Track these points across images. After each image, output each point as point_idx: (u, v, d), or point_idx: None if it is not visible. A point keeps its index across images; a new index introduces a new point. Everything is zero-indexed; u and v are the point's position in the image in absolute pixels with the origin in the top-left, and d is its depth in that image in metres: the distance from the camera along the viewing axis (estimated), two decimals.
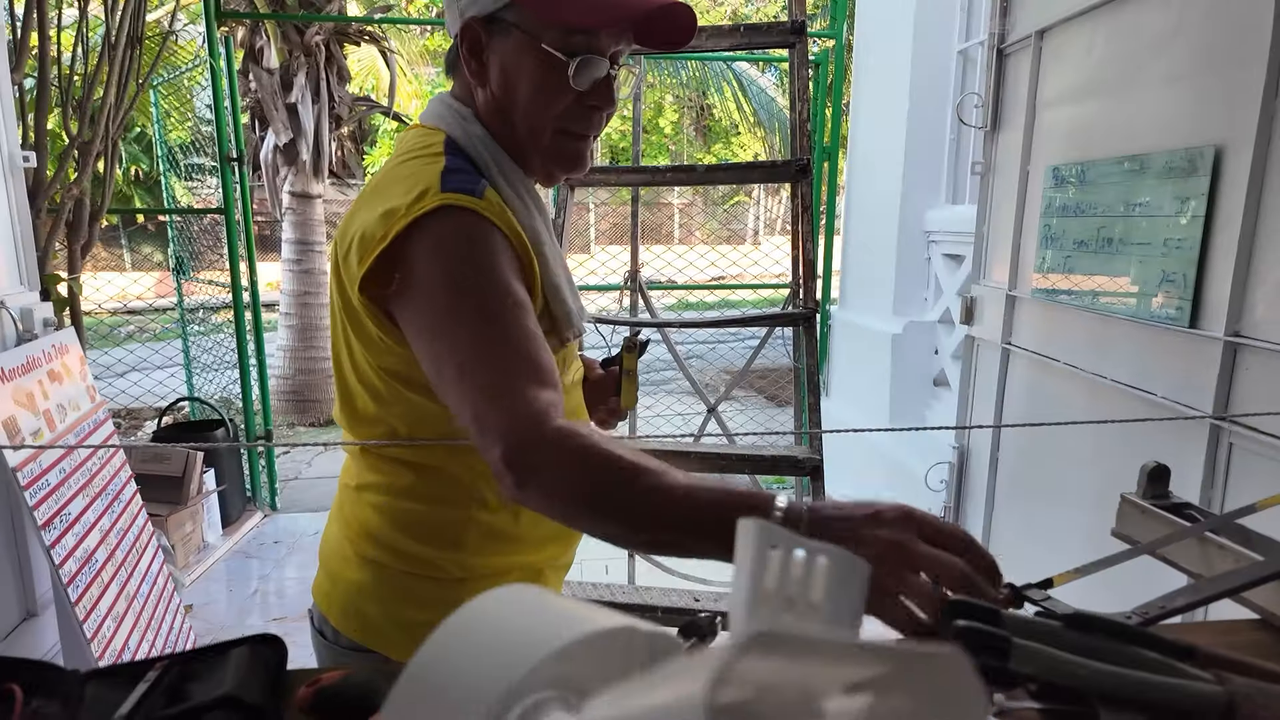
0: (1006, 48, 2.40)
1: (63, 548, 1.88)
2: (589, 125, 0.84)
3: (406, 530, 0.88)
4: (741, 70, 5.54)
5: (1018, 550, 2.36)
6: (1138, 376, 1.84)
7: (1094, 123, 2.03)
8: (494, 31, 0.81)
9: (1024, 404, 2.34)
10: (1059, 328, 2.17)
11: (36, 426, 1.92)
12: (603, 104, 0.83)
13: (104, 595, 2.01)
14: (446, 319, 0.73)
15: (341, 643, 0.91)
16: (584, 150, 0.86)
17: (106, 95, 2.78)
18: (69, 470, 1.99)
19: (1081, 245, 2.08)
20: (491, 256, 0.74)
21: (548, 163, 0.86)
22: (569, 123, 0.83)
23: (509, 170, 0.84)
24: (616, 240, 12.79)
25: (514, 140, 0.85)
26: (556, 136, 0.84)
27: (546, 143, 0.84)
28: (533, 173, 0.87)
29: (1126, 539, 1.15)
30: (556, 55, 0.79)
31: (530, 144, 0.84)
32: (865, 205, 3.79)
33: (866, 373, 3.49)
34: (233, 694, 0.68)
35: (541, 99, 0.81)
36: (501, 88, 0.83)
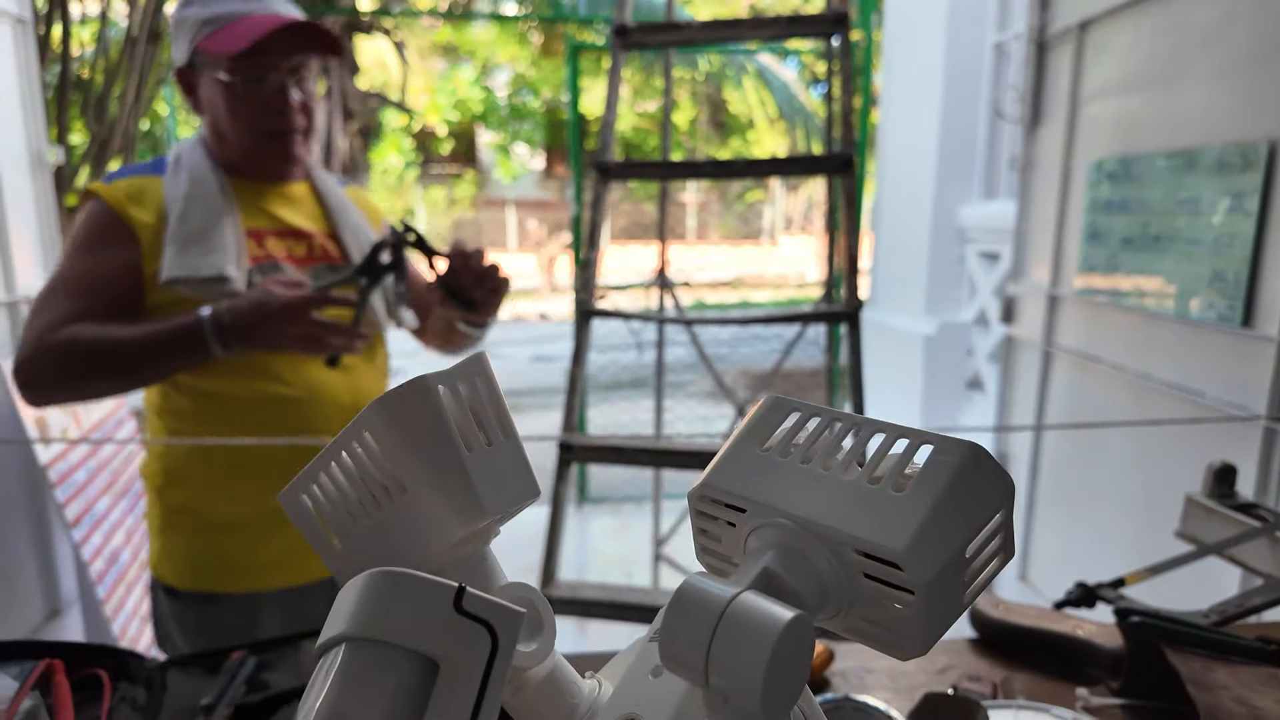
0: (1047, 40, 2.34)
1: (90, 546, 1.87)
2: (282, 123, 1.08)
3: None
4: (763, 64, 5.48)
5: (1059, 556, 2.30)
6: (1186, 377, 1.78)
7: (1140, 116, 1.97)
8: (195, 73, 1.08)
9: (1066, 406, 2.28)
10: (1103, 327, 2.12)
11: (65, 424, 1.90)
12: (279, 105, 1.06)
13: (130, 594, 2.00)
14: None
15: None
16: (287, 144, 1.10)
17: (126, 91, 2.76)
18: (96, 469, 1.97)
19: (1127, 242, 2.03)
20: (86, 225, 1.04)
21: (264, 161, 1.11)
22: (264, 126, 1.07)
23: (194, 168, 1.08)
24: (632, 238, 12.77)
25: (228, 151, 1.10)
26: (260, 140, 1.08)
27: (252, 146, 1.09)
28: (253, 174, 1.12)
29: (1192, 539, 1.12)
30: (229, 81, 1.04)
31: (242, 151, 1.09)
32: (896, 202, 3.73)
33: (897, 375, 3.44)
34: None
35: (232, 117, 1.06)
36: (211, 114, 1.09)
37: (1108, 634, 0.74)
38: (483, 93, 12.91)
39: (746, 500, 0.28)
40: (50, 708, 0.65)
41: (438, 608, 0.25)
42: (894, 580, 0.25)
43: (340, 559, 0.32)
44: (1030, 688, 0.69)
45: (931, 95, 3.31)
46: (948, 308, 3.36)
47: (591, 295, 1.73)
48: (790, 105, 5.44)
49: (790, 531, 0.27)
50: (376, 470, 0.31)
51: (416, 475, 0.31)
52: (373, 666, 0.25)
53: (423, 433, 0.30)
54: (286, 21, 1.02)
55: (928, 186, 3.33)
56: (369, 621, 0.26)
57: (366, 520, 0.32)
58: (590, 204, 1.76)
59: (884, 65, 3.81)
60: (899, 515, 0.25)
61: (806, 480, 0.28)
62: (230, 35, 1.02)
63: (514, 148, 14.24)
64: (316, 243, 1.15)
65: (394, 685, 0.25)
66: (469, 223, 16.37)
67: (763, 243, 15.53)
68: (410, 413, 0.30)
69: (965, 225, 3.31)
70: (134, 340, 0.98)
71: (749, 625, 0.24)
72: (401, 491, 0.31)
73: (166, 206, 1.05)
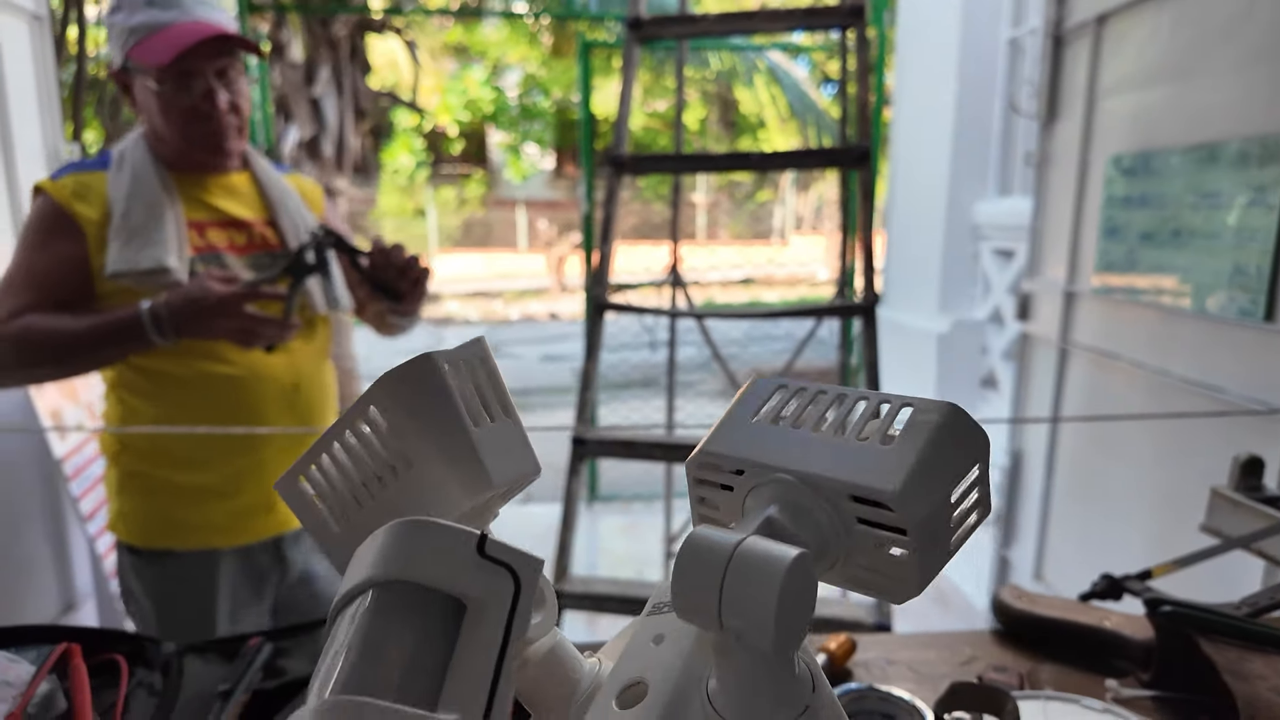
0: (1063, 34, 2.32)
1: (105, 539, 1.87)
2: (211, 125, 1.14)
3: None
4: (774, 61, 5.46)
5: (1075, 554, 2.28)
6: (1206, 374, 1.76)
7: (1159, 110, 1.95)
8: (130, 76, 1.15)
9: (1082, 403, 2.26)
10: (1121, 324, 2.09)
11: (79, 418, 1.91)
12: (207, 109, 1.13)
13: None
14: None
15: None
16: (218, 141, 1.16)
17: None
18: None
19: (1146, 238, 2.00)
20: (34, 221, 1.12)
21: (198, 157, 1.17)
22: (194, 127, 1.14)
23: (137, 164, 1.15)
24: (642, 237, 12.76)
25: (165, 147, 1.17)
26: (193, 139, 1.15)
27: (186, 146, 1.16)
28: (191, 168, 1.18)
29: (1216, 533, 1.10)
30: (158, 85, 1.11)
31: (178, 149, 1.16)
32: (910, 199, 3.71)
33: (910, 373, 3.41)
34: None
35: (165, 120, 1.13)
36: (146, 115, 1.16)
37: (1136, 625, 0.72)
38: (493, 93, 12.93)
39: (744, 461, 0.30)
40: (68, 692, 0.65)
41: (462, 551, 0.26)
42: (888, 522, 0.27)
43: (340, 542, 0.32)
44: (1057, 679, 0.68)
45: (945, 92, 3.29)
46: (962, 305, 3.34)
47: (605, 289, 1.73)
48: (802, 103, 5.42)
49: (789, 485, 0.29)
50: (382, 447, 0.32)
51: (422, 448, 0.31)
52: (402, 606, 0.26)
53: (428, 406, 0.31)
54: (206, 35, 1.10)
55: (941, 183, 3.31)
56: (397, 565, 0.26)
57: (370, 501, 0.32)
58: (603, 198, 1.75)
59: (897, 62, 3.79)
60: (888, 464, 0.27)
61: (798, 442, 0.30)
62: (155, 47, 1.09)
63: (524, 148, 14.26)
64: (256, 231, 1.22)
65: (424, 624, 0.25)
66: (479, 222, 16.41)
67: (773, 242, 15.50)
68: (416, 387, 0.31)
69: (979, 222, 3.28)
70: (81, 332, 1.07)
71: (758, 564, 0.25)
72: (407, 467, 0.31)
73: (110, 202, 1.12)
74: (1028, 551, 2.50)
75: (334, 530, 0.32)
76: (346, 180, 5.55)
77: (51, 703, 0.63)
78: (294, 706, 0.66)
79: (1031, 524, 2.47)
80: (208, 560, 1.20)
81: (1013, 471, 2.57)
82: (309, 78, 5.09)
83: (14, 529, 1.82)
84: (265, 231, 1.23)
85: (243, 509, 1.20)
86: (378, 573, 0.26)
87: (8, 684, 0.62)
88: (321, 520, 0.33)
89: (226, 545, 1.21)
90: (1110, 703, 0.61)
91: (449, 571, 0.26)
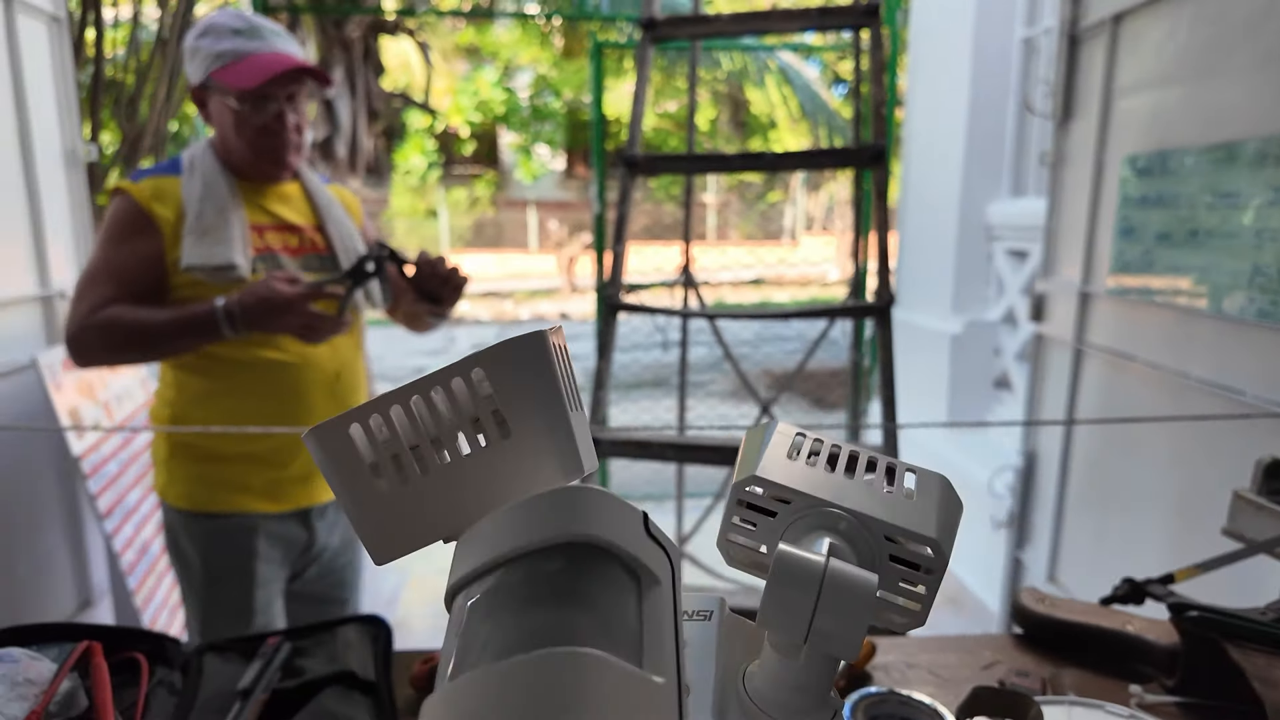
0: (1079, 33, 2.30)
1: (122, 537, 1.89)
2: (278, 142, 1.29)
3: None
4: (785, 62, 5.45)
5: (1089, 557, 2.26)
6: (1224, 375, 1.74)
7: (1177, 109, 1.93)
8: (207, 93, 1.28)
9: (1097, 405, 2.24)
10: (1137, 325, 2.08)
11: (97, 416, 1.92)
12: (276, 128, 1.28)
13: (160, 585, 2.01)
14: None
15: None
16: (282, 156, 1.31)
17: (156, 92, 2.80)
18: (128, 460, 2.00)
19: (1163, 238, 1.98)
20: (117, 219, 1.25)
21: (262, 168, 1.31)
22: (263, 143, 1.28)
23: (207, 171, 1.28)
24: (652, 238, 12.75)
25: (234, 157, 1.30)
26: (261, 153, 1.29)
27: (253, 158, 1.30)
28: (254, 177, 1.32)
29: (1239, 537, 1.09)
30: (238, 105, 1.25)
31: (244, 161, 1.30)
32: (922, 199, 3.69)
33: (922, 375, 3.40)
34: (348, 670, 0.70)
35: (238, 135, 1.28)
36: (220, 128, 1.30)
37: (1159, 630, 0.72)
38: (505, 94, 12.96)
39: (796, 493, 0.33)
40: (89, 689, 0.65)
41: (635, 525, 0.27)
42: (919, 560, 0.32)
43: (379, 501, 0.31)
44: (1080, 684, 0.67)
45: (958, 91, 3.27)
46: (974, 306, 3.32)
47: (618, 289, 1.73)
48: (813, 103, 5.39)
49: (839, 518, 0.33)
50: (477, 410, 0.31)
51: (527, 422, 0.31)
52: (599, 565, 0.26)
53: (539, 382, 0.31)
54: (289, 66, 1.24)
55: (954, 184, 3.28)
56: (591, 526, 0.26)
57: (437, 464, 0.31)
58: (617, 199, 1.75)
59: (909, 63, 3.77)
60: (920, 513, 0.32)
61: (839, 484, 0.34)
62: (240, 72, 1.23)
63: (535, 148, 14.28)
64: (306, 236, 1.37)
65: (618, 586, 0.26)
66: (490, 223, 16.44)
67: (783, 243, 15.46)
68: (530, 361, 0.31)
69: (992, 223, 3.26)
70: (162, 324, 1.21)
71: (850, 584, 0.29)
72: (502, 437, 0.31)
73: (184, 204, 1.25)
74: (1041, 554, 2.48)
75: (379, 487, 0.31)
76: (359, 181, 5.58)
77: (73, 701, 0.64)
78: (314, 706, 0.66)
79: (1045, 526, 2.45)
80: (247, 523, 1.32)
81: (1026, 473, 2.55)
82: None
83: (33, 526, 1.84)
84: (315, 236, 1.38)
85: (282, 478, 1.34)
86: (571, 530, 0.26)
87: (30, 682, 0.62)
88: (364, 473, 0.31)
89: (264, 510, 1.33)
90: (1135, 709, 0.60)
91: (634, 541, 0.26)
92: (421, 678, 0.73)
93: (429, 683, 0.72)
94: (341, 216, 1.41)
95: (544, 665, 0.21)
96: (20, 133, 1.90)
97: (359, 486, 0.31)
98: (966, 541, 2.56)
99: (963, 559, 3.00)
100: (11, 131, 1.89)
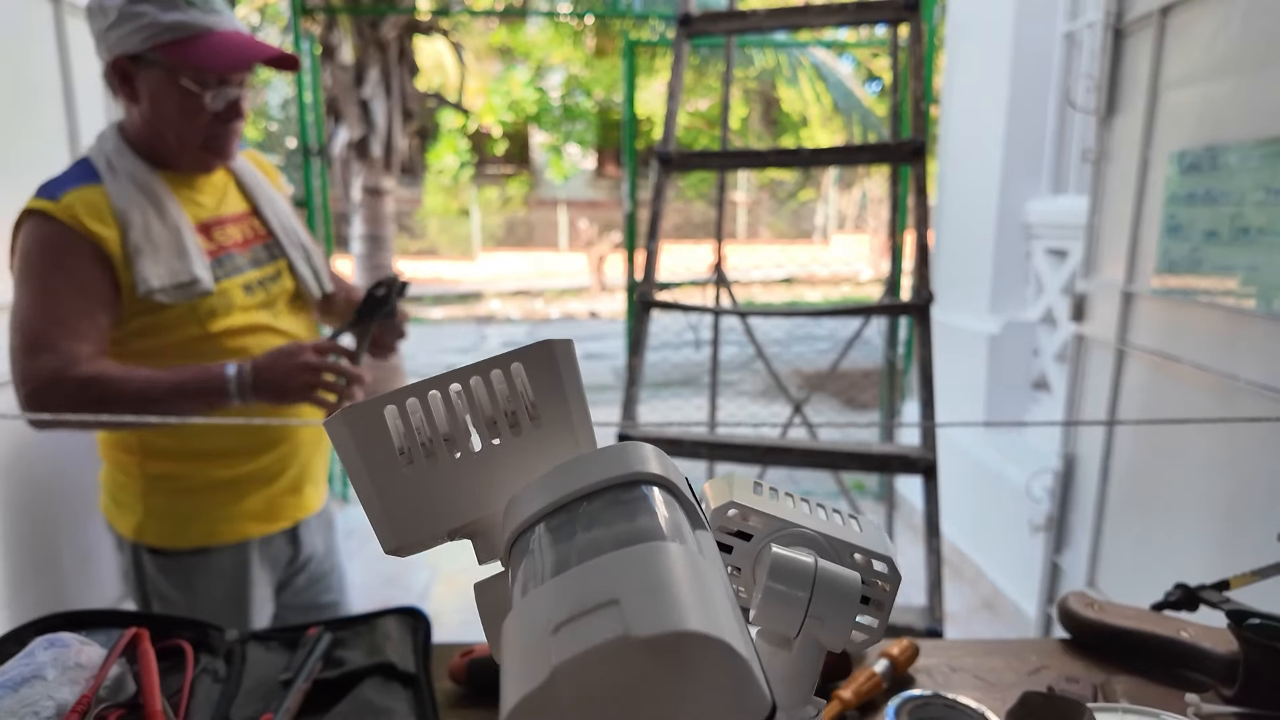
0: (1124, 26, 2.25)
1: None
2: (228, 131, 1.15)
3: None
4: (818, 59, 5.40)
5: (1131, 564, 2.21)
6: (1274, 378, 1.69)
7: (1227, 104, 1.88)
8: (140, 67, 1.08)
9: (1140, 407, 2.19)
10: (1182, 325, 2.02)
11: None
12: (234, 117, 1.13)
13: None
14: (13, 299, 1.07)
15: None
16: (229, 143, 1.16)
17: None
18: None
19: (1211, 235, 1.93)
20: (47, 249, 1.05)
21: (202, 157, 1.15)
22: (211, 132, 1.13)
23: (132, 171, 1.11)
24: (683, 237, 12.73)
25: (163, 146, 1.13)
26: (207, 143, 1.14)
27: (196, 147, 1.13)
28: (184, 167, 1.16)
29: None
30: (193, 88, 1.08)
31: (180, 149, 1.13)
32: (959, 198, 3.63)
33: (959, 376, 3.34)
34: (388, 661, 0.71)
35: (184, 120, 1.10)
36: (151, 109, 1.10)
37: (1215, 638, 0.69)
38: (537, 94, 13.02)
39: (770, 517, 0.37)
40: (136, 675, 0.66)
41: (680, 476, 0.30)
42: (877, 578, 0.36)
43: (400, 483, 0.32)
44: (1133, 691, 0.65)
45: (997, 88, 3.21)
46: (1012, 306, 3.25)
47: (651, 287, 1.72)
48: (847, 100, 5.34)
49: (812, 539, 0.36)
50: (512, 400, 0.33)
51: (558, 413, 0.33)
52: (652, 495, 0.28)
53: (568, 379, 0.34)
54: (270, 55, 1.11)
55: (993, 182, 3.23)
56: (669, 471, 0.29)
57: (467, 447, 0.33)
58: (650, 196, 1.75)
59: (947, 59, 3.71)
60: (875, 539, 0.37)
61: (801, 512, 0.38)
62: (200, 50, 1.06)
63: (566, 148, 14.33)
64: (247, 225, 1.23)
65: (674, 509, 0.28)
66: (521, 222, 16.54)
67: (815, 242, 15.34)
68: (561, 360, 0.34)
69: (1031, 221, 3.20)
70: (158, 391, 1.04)
71: (841, 582, 0.33)
72: (535, 426, 0.33)
73: (119, 216, 1.07)
74: (1080, 559, 2.42)
75: (401, 469, 0.32)
76: (394, 180, 5.63)
77: (122, 685, 0.65)
78: (354, 696, 0.66)
79: (1085, 530, 2.40)
80: (240, 551, 1.22)
81: (1065, 476, 2.50)
82: (358, 79, 5.18)
83: (77, 518, 1.88)
84: (254, 224, 1.24)
85: (277, 493, 1.24)
86: (627, 470, 0.27)
87: (80, 666, 0.64)
88: (391, 455, 0.32)
89: (259, 534, 1.24)
90: (1193, 718, 0.58)
91: (684, 486, 0.29)
92: (460, 670, 0.73)
93: (468, 675, 0.72)
94: (272, 194, 1.27)
95: (616, 560, 0.22)
96: (69, 123, 1.94)
97: (382, 468, 0.32)
98: (1002, 546, 2.52)
99: (998, 563, 2.95)
100: (62, 132, 1.93)
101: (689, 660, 0.20)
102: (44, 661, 0.63)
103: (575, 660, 0.19)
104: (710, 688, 0.20)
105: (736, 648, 0.20)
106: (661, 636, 0.19)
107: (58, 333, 1.02)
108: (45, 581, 1.79)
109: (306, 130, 3.42)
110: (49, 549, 1.80)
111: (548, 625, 0.21)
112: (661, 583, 0.21)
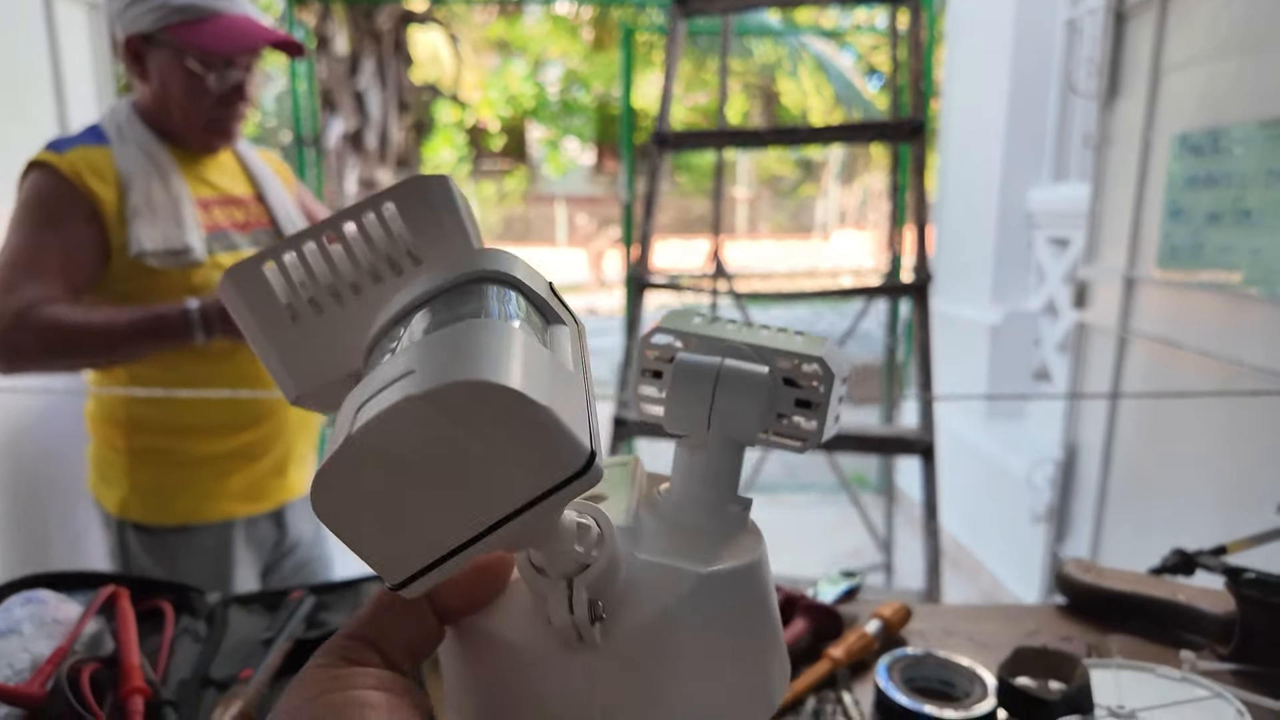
0: (1126, 10, 2.23)
1: None
2: (231, 113, 1.18)
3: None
4: (819, 51, 5.37)
5: (1132, 552, 2.20)
6: (1277, 362, 1.68)
7: (1230, 86, 1.86)
8: (151, 46, 1.13)
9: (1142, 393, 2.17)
10: (1185, 310, 2.01)
11: None
12: (237, 99, 1.16)
13: None
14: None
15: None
16: (232, 125, 1.19)
17: None
18: None
19: (1213, 219, 1.92)
20: (45, 198, 1.08)
21: (206, 138, 1.18)
22: (215, 113, 1.16)
23: (141, 140, 1.14)
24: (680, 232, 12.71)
25: (171, 124, 1.17)
26: (211, 123, 1.17)
27: (201, 127, 1.17)
28: (191, 145, 1.19)
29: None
30: (198, 69, 1.11)
31: (185, 127, 1.16)
32: (960, 187, 3.61)
33: (960, 366, 3.33)
34: None
35: (189, 100, 1.14)
36: (163, 91, 1.14)
37: (1213, 599, 0.68)
38: (534, 87, 12.99)
39: (697, 337, 0.35)
40: (115, 634, 0.65)
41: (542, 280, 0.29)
42: (811, 380, 0.34)
43: (288, 341, 0.32)
44: (1128, 650, 0.64)
45: (998, 76, 3.19)
46: (1014, 296, 3.24)
47: (646, 268, 1.71)
48: (847, 92, 5.31)
49: (738, 349, 0.35)
50: (389, 241, 0.32)
51: (436, 252, 0.32)
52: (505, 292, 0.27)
53: (448, 216, 0.33)
54: (273, 40, 1.15)
55: (994, 171, 3.21)
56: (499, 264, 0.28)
57: (353, 299, 0.32)
58: (646, 177, 1.73)
59: (948, 49, 3.69)
60: (810, 344, 0.34)
61: (734, 331, 0.36)
62: (207, 33, 1.11)
63: (563, 143, 14.31)
64: (250, 209, 1.26)
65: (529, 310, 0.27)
66: (519, 217, 16.52)
67: (814, 238, 15.33)
68: (439, 195, 0.33)
69: (1033, 209, 3.18)
70: (120, 328, 1.05)
71: (743, 376, 0.32)
72: (414, 265, 0.32)
73: (122, 178, 1.10)
74: (1081, 548, 2.41)
75: (288, 327, 0.32)
76: (389, 173, 5.61)
77: (99, 643, 0.64)
78: None
79: (1086, 520, 2.39)
80: (223, 533, 1.22)
81: (1067, 465, 2.49)
82: (353, 70, 5.16)
83: (67, 500, 1.87)
84: (258, 208, 1.26)
85: (261, 474, 1.24)
86: (481, 268, 0.27)
87: (57, 622, 0.62)
88: (277, 313, 0.31)
89: (243, 514, 1.24)
90: (1188, 673, 0.57)
91: (543, 288, 0.28)
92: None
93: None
94: (278, 186, 1.30)
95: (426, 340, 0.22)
96: (60, 119, 1.93)
97: (268, 328, 0.32)
98: (1002, 538, 2.51)
99: (998, 556, 2.94)
100: (52, 120, 1.92)
101: (479, 414, 0.19)
102: (20, 617, 0.62)
103: (365, 428, 0.19)
104: (511, 441, 0.20)
105: (527, 393, 0.19)
106: (441, 389, 0.19)
107: (29, 278, 1.04)
108: (35, 564, 1.78)
109: (300, 121, 3.40)
110: (39, 531, 1.79)
111: (353, 409, 0.21)
112: (460, 347, 0.20)
